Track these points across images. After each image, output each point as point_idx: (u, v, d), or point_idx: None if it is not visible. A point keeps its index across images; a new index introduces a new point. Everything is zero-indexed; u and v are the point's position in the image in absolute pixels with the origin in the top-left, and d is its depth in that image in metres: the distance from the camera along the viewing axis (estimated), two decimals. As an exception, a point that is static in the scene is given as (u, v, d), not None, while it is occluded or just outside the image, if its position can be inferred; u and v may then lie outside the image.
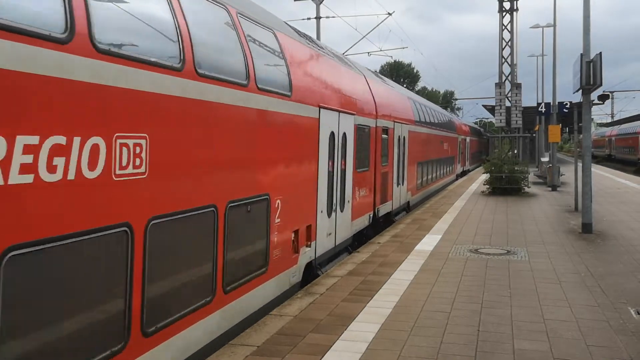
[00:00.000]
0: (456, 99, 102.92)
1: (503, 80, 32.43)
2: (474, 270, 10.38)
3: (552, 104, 29.56)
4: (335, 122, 11.11)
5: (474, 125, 69.28)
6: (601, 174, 39.18)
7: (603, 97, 26.05)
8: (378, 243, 13.09)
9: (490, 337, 6.85)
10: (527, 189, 25.92)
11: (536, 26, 41.26)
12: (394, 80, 68.82)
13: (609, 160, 73.37)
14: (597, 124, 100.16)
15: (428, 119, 25.03)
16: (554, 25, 31.87)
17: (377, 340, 6.69)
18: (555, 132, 26.17)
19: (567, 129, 58.04)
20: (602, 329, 7.21)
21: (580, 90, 15.21)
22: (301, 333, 6.90)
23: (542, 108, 30.07)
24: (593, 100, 18.09)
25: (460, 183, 33.23)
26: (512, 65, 33.06)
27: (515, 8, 33.02)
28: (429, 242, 13.14)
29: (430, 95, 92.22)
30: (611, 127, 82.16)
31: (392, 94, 19.07)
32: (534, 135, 46.98)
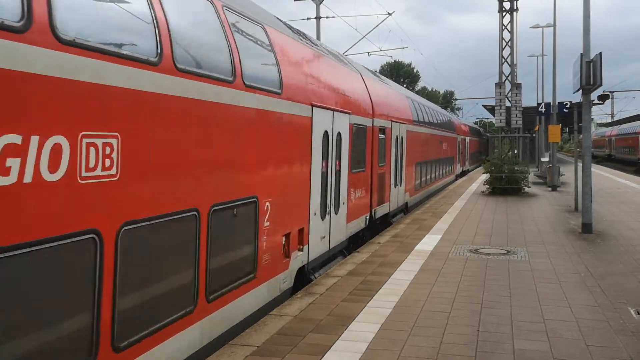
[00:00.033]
0: (456, 99, 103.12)
1: (503, 80, 32.42)
2: (474, 270, 10.39)
3: (552, 104, 29.59)
4: (329, 121, 10.83)
5: (474, 125, 69.27)
6: (601, 174, 39.18)
7: (603, 97, 26.08)
8: (378, 243, 13.09)
9: (490, 337, 6.85)
10: (527, 189, 25.92)
11: (536, 26, 41.33)
12: (394, 80, 68.81)
13: (609, 160, 73.40)
14: (597, 124, 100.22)
15: (427, 118, 24.83)
16: (554, 25, 31.91)
17: (377, 340, 6.69)
18: (555, 132, 26.18)
19: (567, 129, 58.07)
20: (602, 329, 7.21)
21: (580, 90, 15.22)
22: (301, 333, 6.90)
23: (542, 108, 30.11)
24: (593, 100, 18.10)
25: (460, 183, 33.24)
26: (512, 65, 33.07)
27: (515, 8, 33.03)
28: (429, 242, 13.14)
29: (430, 96, 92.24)
30: (611, 127, 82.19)
31: (389, 92, 18.72)
32: (534, 135, 47.01)
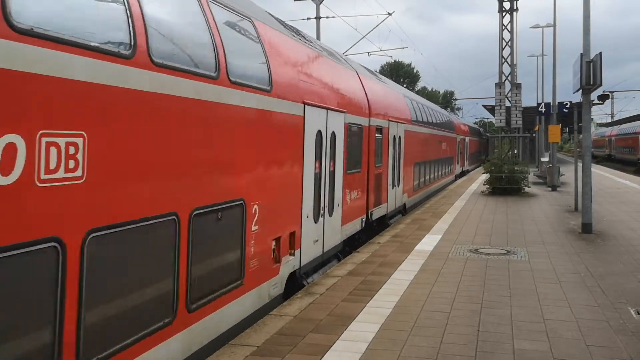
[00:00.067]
0: (456, 99, 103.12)
1: (503, 80, 32.41)
2: (474, 270, 10.38)
3: (552, 104, 29.59)
4: (322, 120, 10.45)
5: (474, 125, 69.25)
6: (601, 174, 39.19)
7: (603, 97, 26.07)
8: (378, 243, 13.08)
9: (490, 337, 6.85)
10: (527, 189, 25.92)
11: (536, 26, 41.32)
12: (394, 80, 68.83)
13: (609, 160, 73.41)
14: (597, 124, 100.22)
15: (426, 118, 24.65)
16: (554, 25, 31.90)
17: (377, 340, 6.69)
18: (555, 132, 26.18)
19: (567, 129, 58.09)
20: (602, 329, 7.21)
21: (580, 90, 15.23)
22: (301, 333, 6.89)
23: (542, 108, 30.12)
24: (593, 100, 18.10)
25: (460, 183, 33.23)
26: (512, 65, 33.06)
27: (515, 8, 33.01)
28: (429, 242, 13.14)
29: (430, 95, 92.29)
30: (611, 127, 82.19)
31: (387, 91, 18.39)
32: (534, 135, 47.00)
